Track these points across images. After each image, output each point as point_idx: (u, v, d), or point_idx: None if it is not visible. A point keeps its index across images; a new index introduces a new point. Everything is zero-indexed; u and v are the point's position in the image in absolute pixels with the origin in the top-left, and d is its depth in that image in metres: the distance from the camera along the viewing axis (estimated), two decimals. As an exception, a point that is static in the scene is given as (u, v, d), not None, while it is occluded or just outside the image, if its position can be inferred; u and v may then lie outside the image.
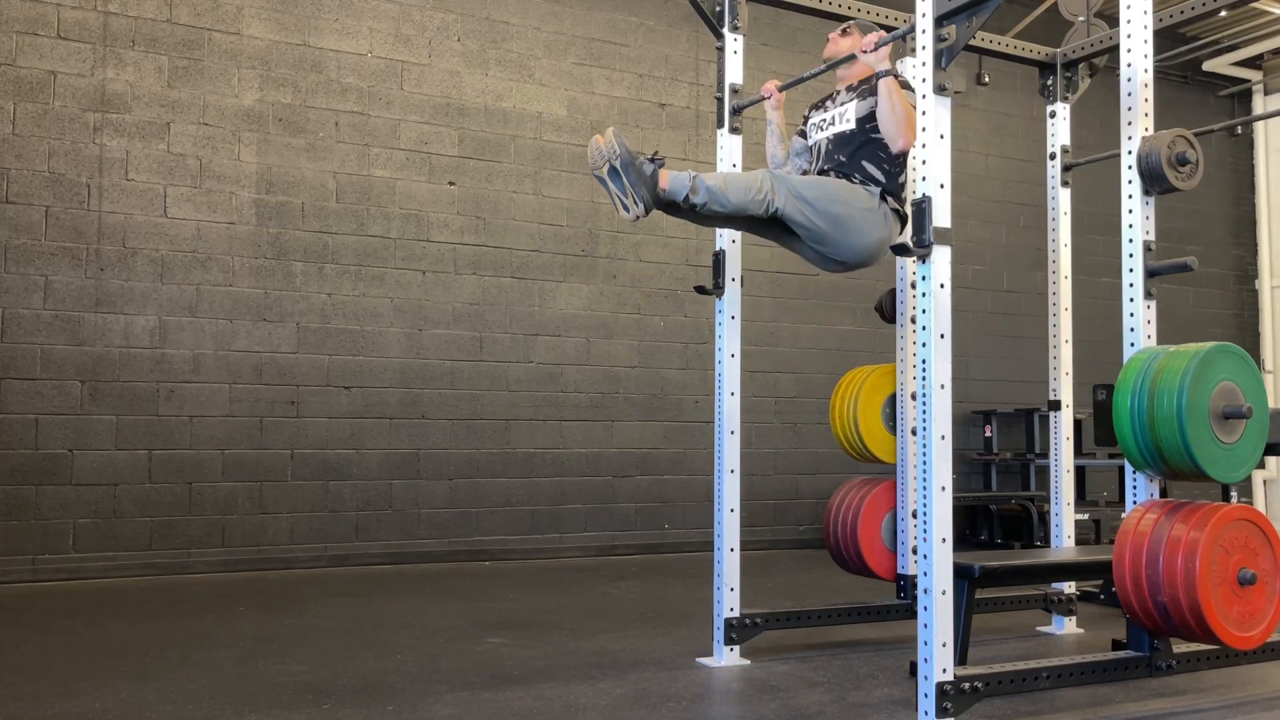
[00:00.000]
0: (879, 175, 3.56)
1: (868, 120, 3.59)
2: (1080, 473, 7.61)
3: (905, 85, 3.59)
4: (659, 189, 3.18)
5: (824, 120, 3.75)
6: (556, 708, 3.19)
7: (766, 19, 7.37)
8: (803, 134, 3.92)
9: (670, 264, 7.33)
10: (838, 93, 3.83)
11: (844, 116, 3.66)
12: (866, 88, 3.65)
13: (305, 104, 6.36)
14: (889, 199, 3.52)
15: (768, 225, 3.44)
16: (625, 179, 3.13)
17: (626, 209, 3.15)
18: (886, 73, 3.48)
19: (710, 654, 3.90)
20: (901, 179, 3.65)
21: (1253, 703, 3.38)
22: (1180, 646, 3.31)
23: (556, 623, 4.59)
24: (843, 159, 3.59)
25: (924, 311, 3.02)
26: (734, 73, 3.97)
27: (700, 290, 3.96)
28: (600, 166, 3.16)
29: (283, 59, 6.32)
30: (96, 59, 5.88)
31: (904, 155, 3.63)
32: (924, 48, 3.09)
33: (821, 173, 3.66)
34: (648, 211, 3.17)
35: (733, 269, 3.93)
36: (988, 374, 8.43)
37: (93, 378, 5.78)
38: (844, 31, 3.79)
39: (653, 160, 3.19)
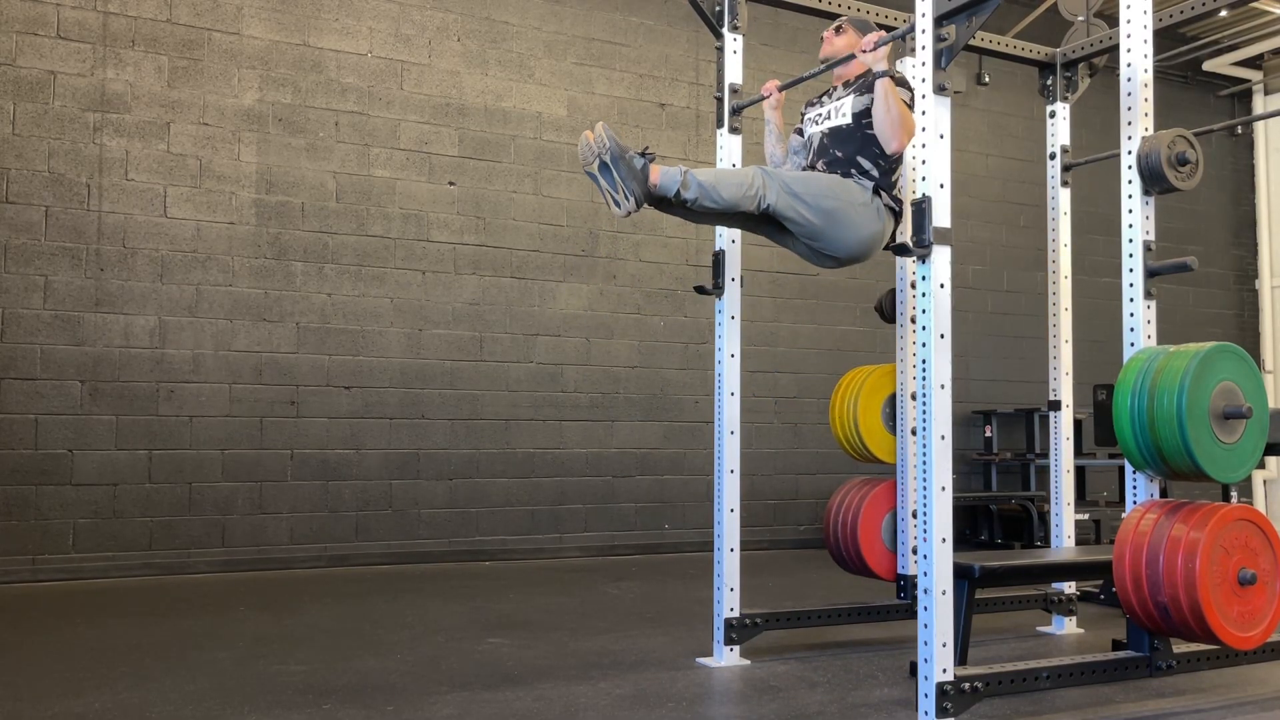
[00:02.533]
0: (873, 170, 3.56)
1: (864, 116, 3.59)
2: (1080, 473, 7.61)
3: (902, 83, 3.59)
4: (650, 183, 3.17)
5: (820, 115, 3.75)
6: (556, 708, 3.19)
7: (766, 19, 7.37)
8: (800, 132, 3.92)
9: (670, 264, 7.33)
10: (834, 88, 3.83)
11: (840, 111, 3.66)
12: (863, 83, 3.65)
13: (305, 104, 6.36)
14: (882, 194, 3.51)
15: (760, 222, 3.43)
16: (615, 173, 3.12)
17: (618, 204, 3.15)
18: (884, 73, 3.47)
19: (710, 654, 3.90)
20: (897, 174, 3.65)
21: (1253, 703, 3.38)
22: (1180, 646, 3.31)
23: (556, 623, 4.59)
24: (838, 154, 3.59)
25: (924, 311, 3.02)
26: (734, 73, 3.97)
27: (700, 290, 3.95)
28: (590, 162, 3.16)
29: (283, 59, 6.32)
30: (96, 59, 5.88)
31: (898, 159, 3.63)
32: (924, 48, 3.09)
33: (814, 168, 3.65)
34: (639, 206, 3.16)
35: (733, 269, 3.93)
36: (988, 374, 8.43)
37: (93, 378, 5.78)
38: (838, 30, 3.79)
39: (643, 155, 3.18)
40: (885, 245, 3.61)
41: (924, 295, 3.02)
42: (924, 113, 3.06)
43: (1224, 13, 7.82)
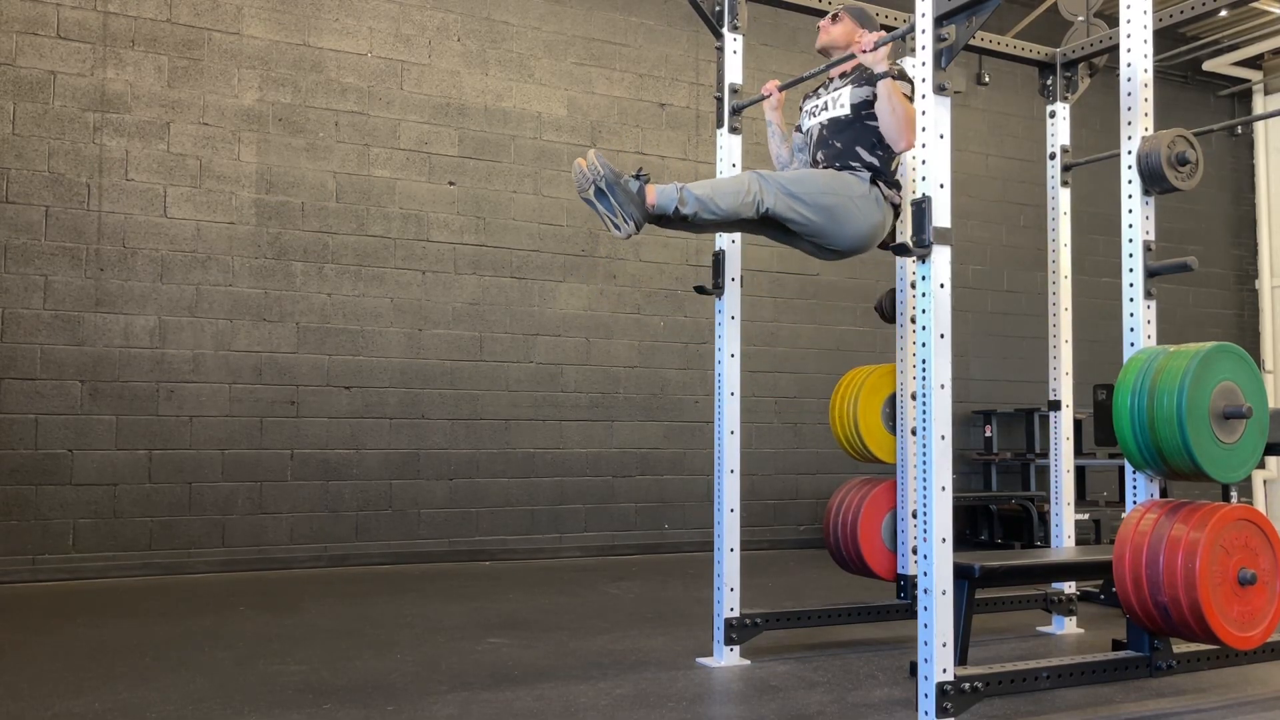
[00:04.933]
0: (872, 160, 3.59)
1: (863, 107, 3.61)
2: (1080, 473, 7.61)
3: (902, 75, 3.58)
4: (647, 205, 3.20)
5: (817, 107, 3.76)
6: (556, 708, 3.19)
7: (766, 19, 7.37)
8: (799, 128, 3.91)
9: (670, 264, 7.32)
10: (831, 79, 3.83)
11: (838, 102, 3.67)
12: (860, 74, 3.66)
13: (305, 104, 6.36)
14: (880, 185, 3.54)
15: (762, 225, 3.46)
16: (613, 199, 3.14)
17: (617, 228, 3.18)
18: (885, 74, 3.47)
19: (710, 654, 3.90)
20: (896, 162, 3.67)
21: (1253, 703, 3.38)
22: (1180, 646, 3.31)
23: (556, 623, 4.59)
24: (837, 144, 3.62)
25: (924, 311, 3.02)
26: (734, 73, 3.97)
27: (700, 290, 3.95)
28: (586, 189, 3.18)
29: (283, 59, 6.32)
30: (96, 59, 5.88)
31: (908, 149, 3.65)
32: (924, 48, 3.09)
33: (815, 161, 3.66)
34: (638, 229, 3.19)
35: (733, 269, 3.92)
36: (988, 374, 8.43)
37: (93, 378, 5.78)
38: (834, 18, 3.79)
39: (637, 177, 3.20)
40: (884, 243, 3.63)
41: (924, 295, 3.02)
42: (924, 113, 3.06)
43: (1224, 13, 7.82)
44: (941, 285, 3.02)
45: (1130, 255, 3.33)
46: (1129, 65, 3.40)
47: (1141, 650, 3.29)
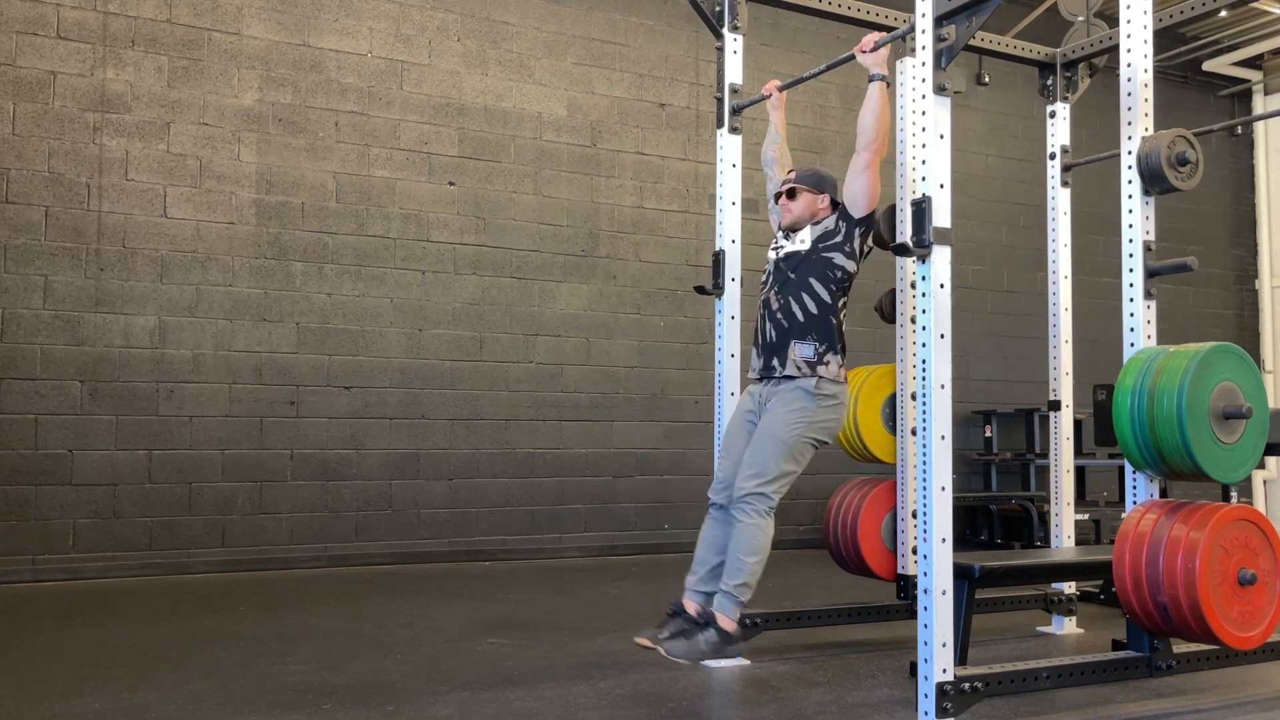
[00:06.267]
0: (824, 294, 3.51)
1: (820, 240, 3.56)
2: (1080, 473, 7.60)
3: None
4: (732, 633, 3.34)
5: (782, 246, 3.71)
6: (556, 708, 3.19)
7: (766, 19, 7.37)
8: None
9: (670, 264, 7.32)
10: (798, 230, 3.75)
11: (800, 239, 3.63)
12: (824, 220, 3.61)
13: (305, 104, 6.36)
14: (820, 373, 3.51)
15: None
16: (720, 654, 3.36)
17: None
18: (881, 77, 3.48)
19: (710, 654, 3.90)
20: (842, 305, 3.56)
21: (1253, 703, 3.38)
22: (1180, 646, 3.31)
23: (556, 623, 4.59)
24: (791, 275, 3.58)
25: (924, 311, 3.02)
26: (734, 73, 3.97)
27: (700, 290, 3.96)
28: (692, 660, 3.36)
29: (283, 59, 6.32)
30: (96, 59, 5.88)
31: (849, 280, 3.57)
32: (924, 48, 3.09)
33: (771, 289, 3.64)
34: (738, 642, 3.40)
35: (733, 269, 3.93)
36: (988, 374, 8.43)
37: (93, 378, 5.78)
38: (790, 195, 3.67)
39: (706, 625, 3.35)
40: (885, 245, 3.73)
41: (924, 295, 3.02)
42: (924, 113, 3.06)
43: (1224, 13, 7.82)
44: (941, 285, 3.02)
45: (1130, 255, 3.33)
46: (1129, 65, 3.40)
47: (1141, 650, 3.29)
